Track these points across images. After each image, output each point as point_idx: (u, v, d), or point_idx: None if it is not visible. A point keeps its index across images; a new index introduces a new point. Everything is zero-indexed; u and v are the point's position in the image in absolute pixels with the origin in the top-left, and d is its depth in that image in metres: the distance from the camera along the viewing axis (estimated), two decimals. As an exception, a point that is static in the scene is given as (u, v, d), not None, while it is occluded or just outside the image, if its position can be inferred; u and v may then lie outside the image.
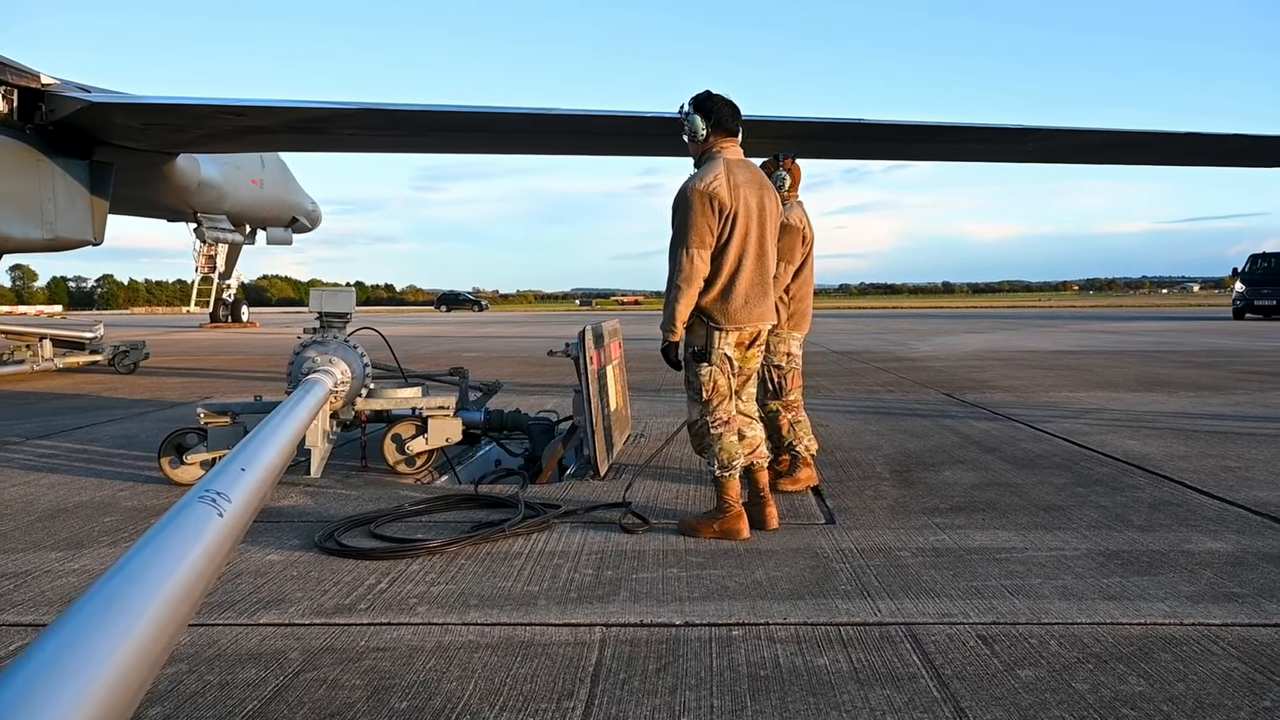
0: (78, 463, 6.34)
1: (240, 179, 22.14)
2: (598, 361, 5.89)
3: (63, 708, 1.35)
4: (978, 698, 2.63)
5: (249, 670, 2.86)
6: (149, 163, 15.39)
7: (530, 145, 15.54)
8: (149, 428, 7.94)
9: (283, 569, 3.90)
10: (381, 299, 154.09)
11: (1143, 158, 15.54)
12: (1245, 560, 3.94)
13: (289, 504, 5.08)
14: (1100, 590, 3.57)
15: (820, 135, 13.28)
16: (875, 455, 6.50)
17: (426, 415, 5.94)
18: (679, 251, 4.30)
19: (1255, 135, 13.33)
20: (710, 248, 4.30)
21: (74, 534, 4.50)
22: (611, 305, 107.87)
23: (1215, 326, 28.54)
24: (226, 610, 3.39)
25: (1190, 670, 2.81)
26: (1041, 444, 6.91)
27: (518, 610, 3.38)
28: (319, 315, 6.06)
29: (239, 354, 18.31)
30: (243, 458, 2.65)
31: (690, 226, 4.26)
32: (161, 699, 2.65)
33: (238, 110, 11.93)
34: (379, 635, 3.15)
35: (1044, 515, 4.76)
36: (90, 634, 1.51)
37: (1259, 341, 20.17)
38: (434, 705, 2.61)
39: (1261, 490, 5.29)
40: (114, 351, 13.46)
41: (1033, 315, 44.05)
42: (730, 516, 4.35)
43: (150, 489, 5.48)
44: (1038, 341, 20.89)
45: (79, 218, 12.71)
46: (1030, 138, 13.29)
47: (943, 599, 3.48)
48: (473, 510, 4.88)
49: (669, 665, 2.88)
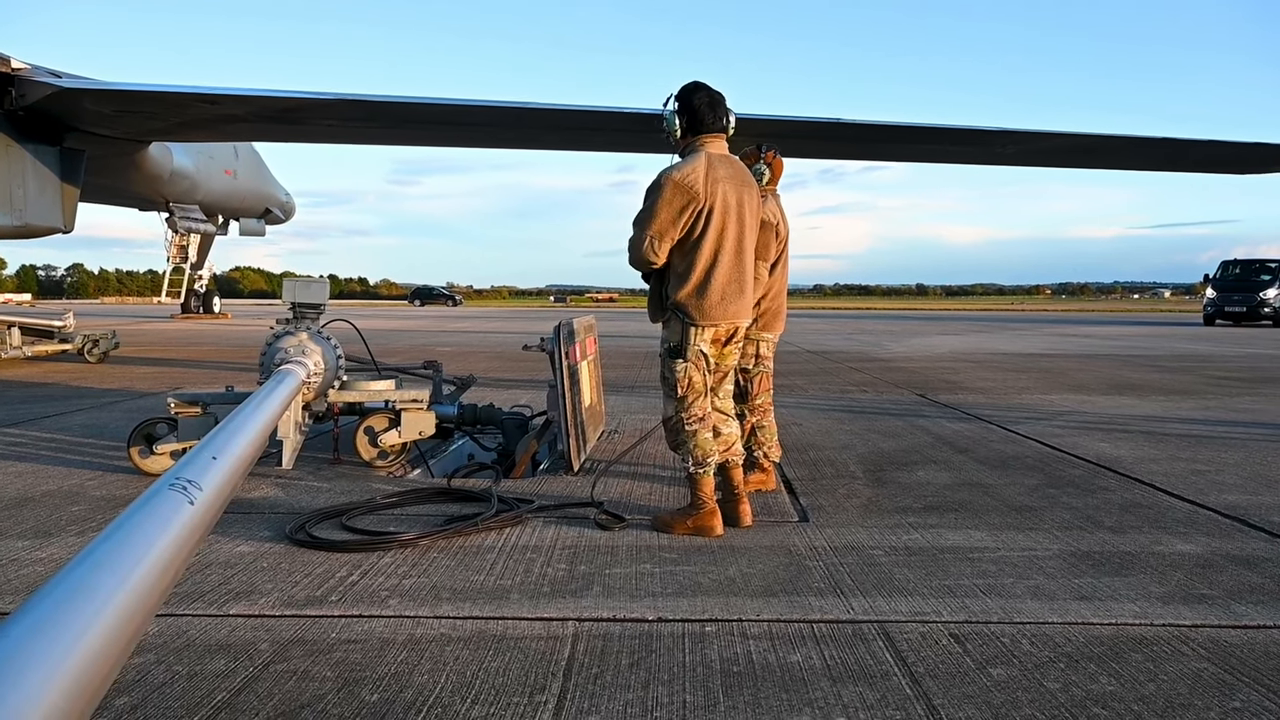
0: (45, 451, 6.26)
1: (214, 169, 21.91)
2: (572, 357, 5.87)
3: (27, 695, 1.32)
4: (950, 695, 2.64)
5: (218, 661, 2.83)
6: (121, 150, 15.19)
7: (508, 140, 15.46)
8: (118, 417, 7.85)
9: (253, 560, 3.86)
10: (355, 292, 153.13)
11: (1119, 162, 15.67)
12: (1215, 562, 3.98)
13: (260, 495, 5.04)
14: (1072, 590, 3.59)
15: (799, 134, 13.28)
16: (849, 454, 6.52)
17: (400, 408, 5.90)
18: (638, 233, 4.35)
19: (1230, 142, 13.48)
20: (671, 240, 4.30)
21: (41, 523, 4.43)
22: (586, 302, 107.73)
23: (1186, 332, 28.84)
24: (195, 601, 3.35)
25: (1161, 670, 2.83)
26: (1014, 445, 6.95)
27: (490, 604, 3.36)
28: (292, 306, 6.01)
29: (210, 345, 18.15)
30: (214, 446, 2.61)
31: (653, 215, 4.28)
32: (129, 689, 2.62)
33: (212, 99, 11.79)
34: (350, 627, 3.12)
35: (1016, 516, 4.78)
36: (56, 621, 1.48)
37: (1229, 347, 20.39)
38: (405, 698, 2.59)
39: (1231, 494, 5.34)
40: (84, 340, 13.31)
41: (1005, 318, 44.35)
42: (704, 513, 4.34)
43: (119, 479, 5.41)
44: (1010, 344, 21.03)
45: (49, 205, 12.53)
46: (1007, 140, 13.36)
47: (915, 597, 3.49)
48: (446, 504, 4.85)
49: (642, 660, 2.87)
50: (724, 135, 4.48)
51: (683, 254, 4.36)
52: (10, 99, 11.52)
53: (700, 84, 4.46)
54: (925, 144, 14.59)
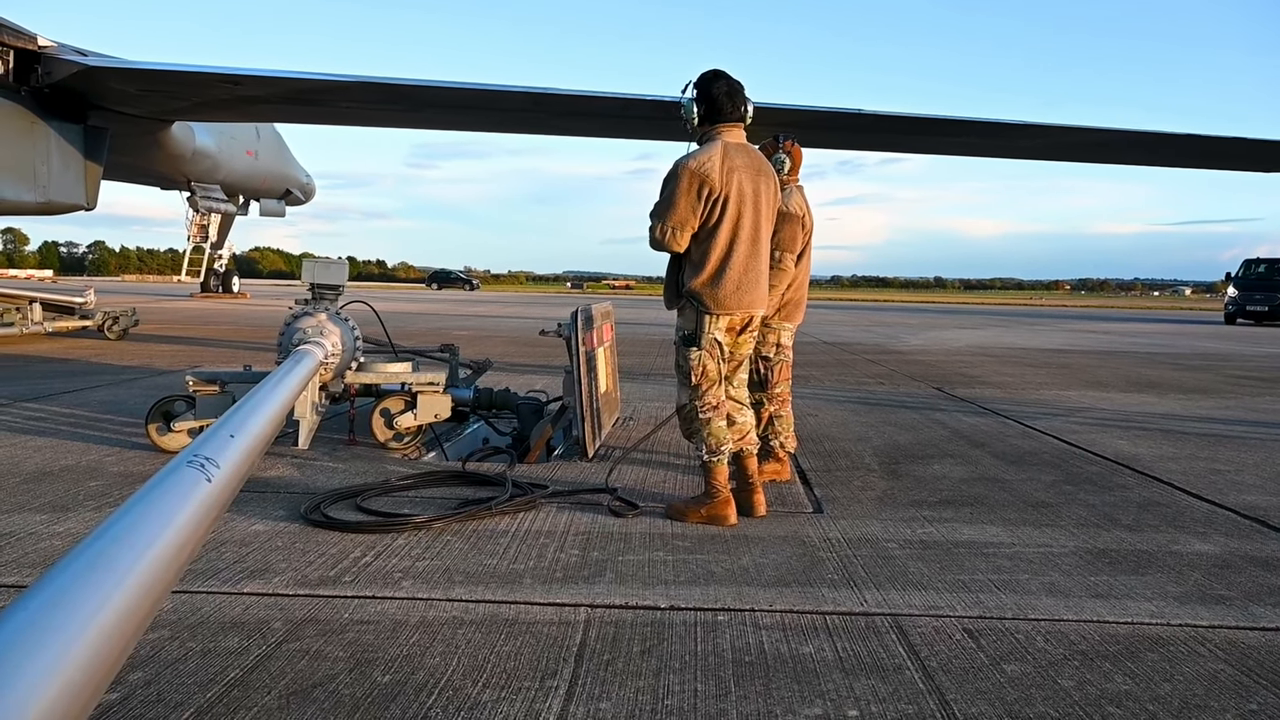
0: (64, 426, 6.30)
1: (235, 149, 21.98)
2: (589, 343, 5.86)
3: (44, 668, 1.32)
4: (963, 691, 2.62)
5: (231, 639, 2.84)
6: (144, 129, 15.25)
7: (528, 125, 15.44)
8: (137, 394, 7.89)
9: (268, 539, 3.87)
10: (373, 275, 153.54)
11: (1142, 158, 15.54)
12: (1233, 563, 3.95)
13: (275, 474, 5.05)
14: (1088, 588, 3.57)
15: (819, 125, 13.23)
16: (864, 446, 6.49)
17: (416, 391, 5.91)
18: (656, 224, 4.35)
19: (1255, 139, 13.32)
20: (691, 229, 4.30)
21: (59, 497, 4.46)
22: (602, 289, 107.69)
23: (1207, 330, 28.64)
24: (210, 578, 3.37)
25: (1177, 671, 2.81)
26: (1031, 441, 6.91)
27: (502, 588, 3.36)
28: (311, 286, 6.02)
29: (229, 324, 18.23)
30: (232, 424, 2.62)
31: (672, 205, 4.28)
32: (143, 664, 2.63)
33: (235, 79, 11.82)
34: (363, 608, 3.13)
35: (1032, 512, 4.76)
36: (74, 594, 1.48)
37: (1250, 346, 20.23)
38: (416, 680, 2.60)
39: (1251, 494, 5.30)
40: (104, 317, 13.38)
41: (1024, 313, 44.14)
42: (718, 502, 4.33)
43: (137, 455, 5.44)
44: (1028, 339, 20.92)
45: (72, 182, 12.59)
46: (1029, 134, 13.27)
47: (929, 591, 3.47)
48: (459, 487, 4.86)
49: (653, 648, 2.87)
50: (741, 124, 4.46)
51: (698, 242, 4.35)
52: (36, 76, 11.56)
53: (719, 72, 4.44)
54: (946, 136, 14.48)
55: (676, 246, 4.35)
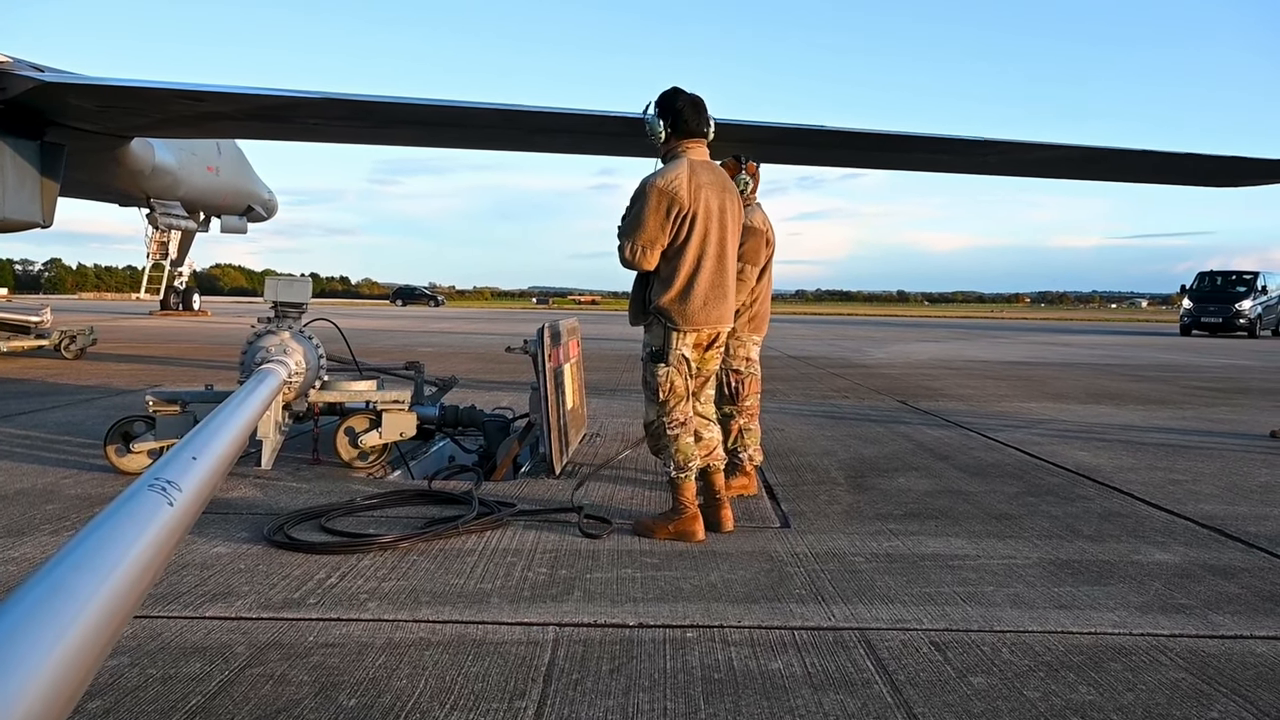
0: (19, 449, 6.19)
1: (196, 165, 21.77)
2: (556, 359, 5.86)
3: (2, 698, 1.30)
4: (930, 704, 2.64)
5: (193, 664, 2.80)
6: (103, 146, 15.08)
7: (492, 141, 15.41)
8: (95, 415, 7.78)
9: (230, 561, 3.83)
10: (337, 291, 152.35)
11: (1102, 174, 15.75)
12: (1193, 572, 4.00)
13: (238, 495, 5.00)
14: (1051, 599, 3.60)
15: (780, 141, 13.30)
16: (830, 460, 6.52)
17: (381, 409, 5.87)
18: (625, 243, 4.36)
19: (1213, 155, 13.59)
20: (661, 246, 4.32)
21: (14, 521, 4.38)
22: (568, 304, 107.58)
23: (1163, 342, 29.05)
24: (171, 603, 3.32)
25: (1139, 680, 2.84)
26: (994, 453, 6.98)
27: (470, 608, 3.34)
28: (274, 304, 5.97)
29: (190, 342, 18.02)
30: (194, 446, 2.58)
31: (641, 224, 4.29)
32: (102, 692, 2.58)
33: (197, 95, 11.70)
34: (328, 631, 3.10)
35: (996, 523, 4.80)
36: (32, 623, 1.45)
37: (1205, 358, 20.55)
38: (383, 703, 2.57)
39: (1208, 504, 5.37)
40: (60, 336, 13.18)
41: (985, 326, 44.58)
42: (685, 518, 4.33)
43: (95, 477, 5.36)
44: (990, 352, 21.13)
45: (27, 199, 12.41)
46: (991, 150, 13.42)
47: (896, 605, 3.49)
48: (426, 506, 4.83)
49: (622, 666, 2.86)
50: (705, 140, 4.49)
51: (666, 259, 4.36)
52: (-10, 92, 11.41)
53: (679, 89, 4.47)
54: (908, 152, 14.62)
55: (647, 265, 4.36)
